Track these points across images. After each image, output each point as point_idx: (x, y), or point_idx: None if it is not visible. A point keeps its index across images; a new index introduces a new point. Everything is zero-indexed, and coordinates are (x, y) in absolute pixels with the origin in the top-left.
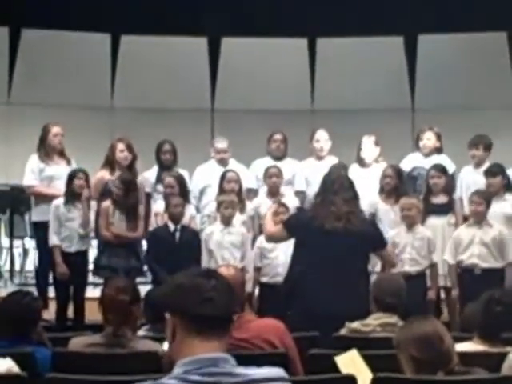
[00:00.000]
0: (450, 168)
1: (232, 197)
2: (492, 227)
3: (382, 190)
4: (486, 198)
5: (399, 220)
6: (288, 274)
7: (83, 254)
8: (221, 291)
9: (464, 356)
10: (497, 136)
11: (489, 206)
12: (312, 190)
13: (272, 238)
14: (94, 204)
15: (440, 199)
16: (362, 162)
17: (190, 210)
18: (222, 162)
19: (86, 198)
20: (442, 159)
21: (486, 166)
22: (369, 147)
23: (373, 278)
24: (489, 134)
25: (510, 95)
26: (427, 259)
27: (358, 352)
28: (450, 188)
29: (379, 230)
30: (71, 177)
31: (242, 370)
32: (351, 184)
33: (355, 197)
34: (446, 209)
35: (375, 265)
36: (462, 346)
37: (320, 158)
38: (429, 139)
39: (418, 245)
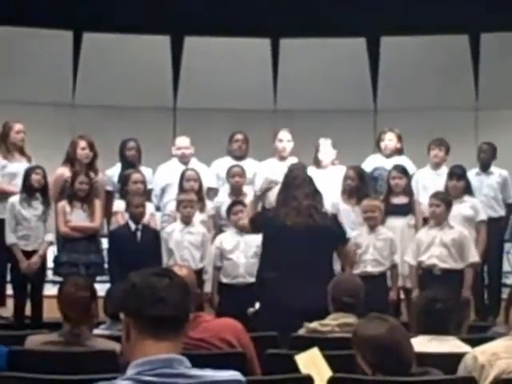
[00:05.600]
0: (411, 169)
1: (191, 196)
2: (453, 229)
3: (343, 191)
4: (444, 199)
5: (360, 221)
6: (257, 272)
7: None
8: (173, 291)
9: (418, 356)
10: (458, 137)
11: (449, 208)
12: (272, 190)
13: (244, 229)
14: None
15: (400, 200)
16: (318, 164)
17: (149, 208)
18: (183, 159)
19: None
20: (403, 160)
21: (443, 168)
22: (326, 149)
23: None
24: (450, 135)
25: (472, 97)
26: (389, 260)
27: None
28: (410, 189)
29: (341, 226)
30: (28, 173)
31: (196, 371)
32: (311, 180)
33: (316, 191)
34: (405, 210)
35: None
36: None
37: (282, 158)
38: (390, 140)
39: (380, 246)
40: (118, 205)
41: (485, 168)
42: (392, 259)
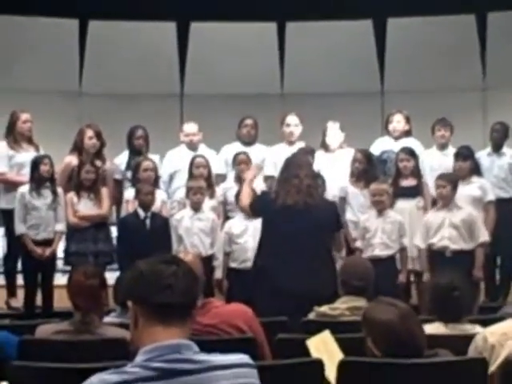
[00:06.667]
0: (419, 151)
1: (200, 183)
2: (461, 209)
3: (352, 174)
4: (450, 180)
5: (368, 204)
6: (255, 257)
7: (51, 242)
8: (181, 277)
9: (429, 338)
10: (465, 118)
11: (455, 188)
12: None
13: (245, 211)
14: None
15: (409, 182)
16: (326, 148)
17: (161, 195)
18: (192, 146)
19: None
20: (411, 142)
21: (450, 148)
22: (334, 133)
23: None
24: (458, 115)
25: (479, 77)
26: (398, 243)
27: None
28: (418, 171)
29: (337, 211)
30: (36, 163)
31: (204, 356)
32: (312, 165)
33: (318, 175)
34: (414, 192)
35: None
36: (427, 329)
37: (290, 142)
38: (398, 122)
39: (388, 229)
40: (130, 193)
41: (497, 148)
42: (401, 242)
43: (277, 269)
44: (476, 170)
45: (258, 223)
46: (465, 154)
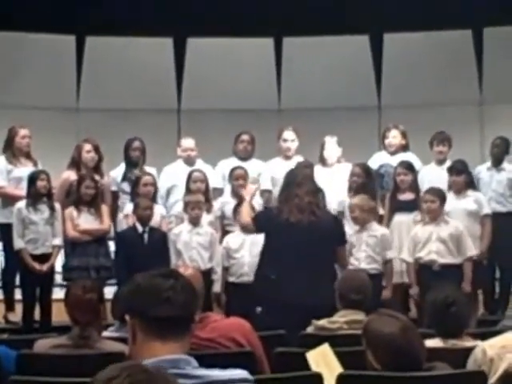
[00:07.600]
0: (417, 165)
1: (198, 197)
2: (448, 224)
3: (350, 189)
4: (439, 195)
5: None
6: (257, 268)
7: (49, 257)
8: (179, 291)
9: (428, 352)
10: (462, 132)
11: (443, 203)
12: (278, 189)
13: (246, 229)
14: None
15: (407, 196)
16: (324, 163)
17: (159, 210)
18: (189, 161)
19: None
20: (409, 157)
21: (448, 162)
22: (332, 147)
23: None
24: (455, 130)
25: (476, 91)
26: (382, 256)
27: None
28: (417, 185)
29: (342, 226)
30: (33, 179)
31: (203, 371)
32: (312, 178)
33: (318, 189)
34: (412, 206)
35: None
36: (428, 343)
37: (287, 157)
38: (394, 137)
39: (372, 242)
40: (130, 208)
41: (497, 163)
42: (383, 255)
43: (279, 281)
44: (471, 184)
45: (254, 238)
46: (459, 168)
